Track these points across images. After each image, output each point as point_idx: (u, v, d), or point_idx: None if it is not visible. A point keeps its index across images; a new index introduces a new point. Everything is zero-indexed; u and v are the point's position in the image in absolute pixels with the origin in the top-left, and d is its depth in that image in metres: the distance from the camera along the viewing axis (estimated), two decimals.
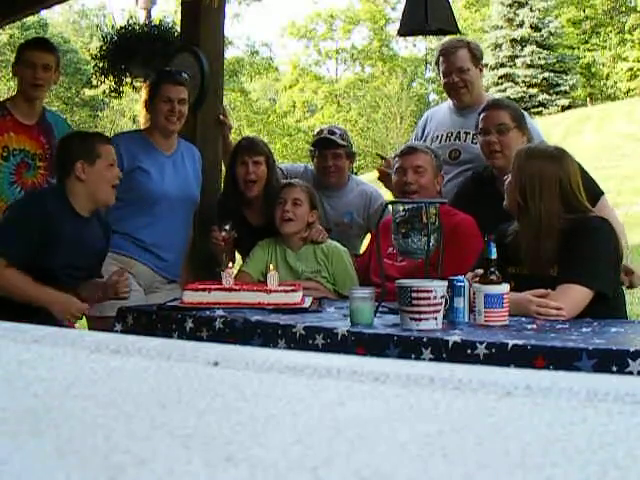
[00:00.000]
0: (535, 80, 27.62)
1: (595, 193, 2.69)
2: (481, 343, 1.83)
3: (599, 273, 2.25)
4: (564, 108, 26.67)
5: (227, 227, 3.02)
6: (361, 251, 3.46)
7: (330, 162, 3.41)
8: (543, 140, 3.11)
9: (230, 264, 2.66)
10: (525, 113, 2.98)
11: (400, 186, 2.86)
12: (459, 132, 3.17)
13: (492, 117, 2.83)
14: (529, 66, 27.66)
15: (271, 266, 2.61)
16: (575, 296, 2.19)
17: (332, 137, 3.41)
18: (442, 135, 3.25)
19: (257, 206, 3.24)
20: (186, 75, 3.27)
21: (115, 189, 2.71)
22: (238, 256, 3.44)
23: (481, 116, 2.87)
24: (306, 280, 2.89)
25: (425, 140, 3.28)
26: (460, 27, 3.28)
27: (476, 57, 3.23)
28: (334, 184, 3.46)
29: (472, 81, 3.20)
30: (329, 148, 3.41)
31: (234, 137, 3.84)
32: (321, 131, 3.56)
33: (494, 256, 2.14)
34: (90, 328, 2.98)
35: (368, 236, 3.47)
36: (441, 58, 3.27)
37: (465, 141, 3.10)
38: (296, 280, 2.82)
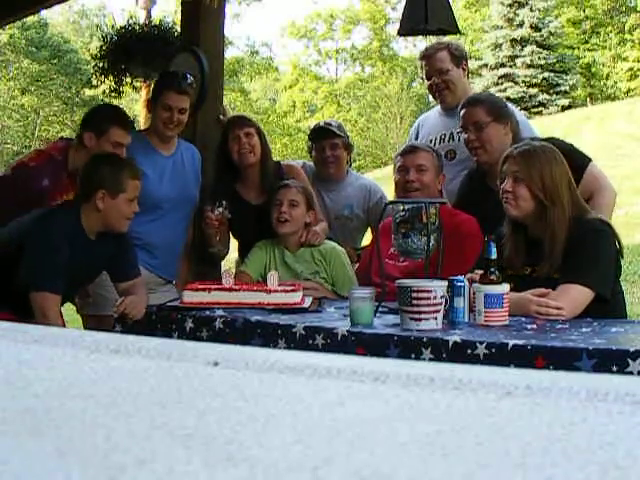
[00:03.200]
0: (535, 80, 27.57)
1: (583, 162, 2.73)
2: (481, 343, 1.83)
3: (600, 274, 2.25)
4: (564, 108, 26.63)
5: (220, 208, 3.00)
6: (361, 245, 3.49)
7: (328, 152, 3.44)
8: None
9: (223, 247, 2.61)
10: (520, 112, 2.99)
11: (402, 184, 2.86)
12: (452, 132, 3.20)
13: (468, 115, 2.87)
14: (529, 66, 27.62)
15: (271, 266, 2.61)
16: (576, 296, 2.18)
17: (329, 127, 3.45)
18: (436, 138, 3.28)
19: (253, 183, 3.21)
20: (191, 78, 3.24)
21: (130, 220, 2.59)
22: (234, 247, 3.42)
23: (461, 113, 2.92)
24: (305, 281, 2.89)
25: None
26: (460, 27, 3.29)
27: (456, 57, 3.25)
28: (333, 175, 3.48)
29: (453, 81, 3.23)
30: (326, 138, 3.43)
31: None
32: (317, 124, 3.64)
33: (494, 256, 2.14)
34: (85, 326, 2.98)
35: (369, 231, 3.49)
36: (422, 62, 3.33)
37: (459, 140, 3.12)
38: (295, 281, 2.82)
